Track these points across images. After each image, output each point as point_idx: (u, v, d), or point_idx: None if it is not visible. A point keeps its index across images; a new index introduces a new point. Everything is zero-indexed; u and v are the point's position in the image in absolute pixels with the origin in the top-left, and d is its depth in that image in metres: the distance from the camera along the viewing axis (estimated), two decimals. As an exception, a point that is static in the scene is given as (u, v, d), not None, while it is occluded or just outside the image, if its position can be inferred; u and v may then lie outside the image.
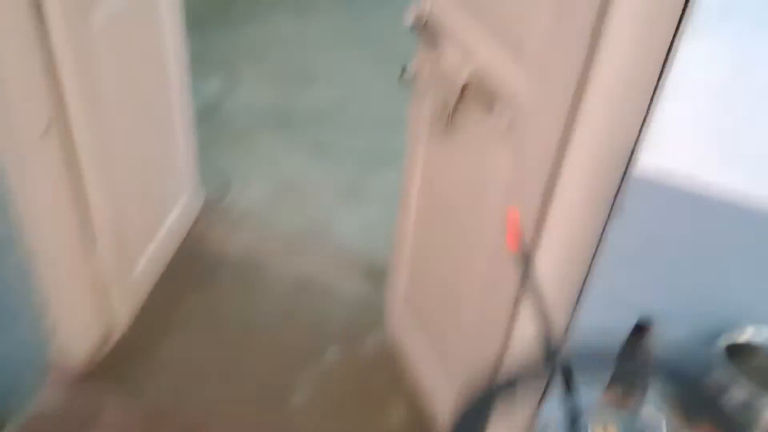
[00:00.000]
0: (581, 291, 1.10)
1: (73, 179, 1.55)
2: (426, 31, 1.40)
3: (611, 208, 0.99)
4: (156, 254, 2.08)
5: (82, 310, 1.76)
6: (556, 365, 0.76)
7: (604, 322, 1.02)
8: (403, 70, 1.49)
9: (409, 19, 1.40)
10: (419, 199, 1.69)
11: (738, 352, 0.92)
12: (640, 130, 0.92)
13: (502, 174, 1.25)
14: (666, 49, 0.87)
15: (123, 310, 1.91)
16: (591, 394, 0.85)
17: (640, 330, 0.95)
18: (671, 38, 0.86)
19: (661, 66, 0.88)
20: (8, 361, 1.78)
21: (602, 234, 1.02)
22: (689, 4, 0.82)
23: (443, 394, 1.75)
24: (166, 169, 2.12)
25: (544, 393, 1.18)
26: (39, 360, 1.78)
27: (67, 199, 1.56)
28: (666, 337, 0.95)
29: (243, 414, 1.80)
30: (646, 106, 0.91)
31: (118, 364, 1.88)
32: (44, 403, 1.75)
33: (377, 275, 2.29)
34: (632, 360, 0.93)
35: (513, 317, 1.30)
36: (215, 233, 2.40)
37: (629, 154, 0.94)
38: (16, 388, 1.80)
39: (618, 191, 0.98)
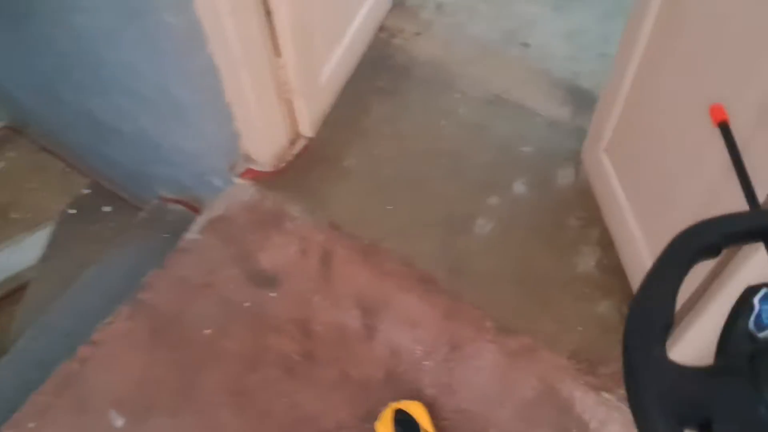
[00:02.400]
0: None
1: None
2: None
3: None
4: (342, 61, 1.96)
5: (266, 115, 1.73)
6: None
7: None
8: None
9: None
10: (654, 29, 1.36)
11: None
12: None
13: None
14: None
15: (308, 117, 1.87)
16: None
17: None
18: None
19: None
20: (200, 155, 1.86)
21: None
22: None
23: (637, 250, 1.58)
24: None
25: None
26: (227, 160, 1.84)
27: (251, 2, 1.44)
28: None
29: (421, 237, 1.76)
30: None
31: (302, 172, 1.87)
32: (234, 200, 1.83)
33: (578, 97, 2.02)
34: None
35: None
36: (403, 38, 2.21)
37: None
38: (208, 183, 1.91)
39: None
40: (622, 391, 1.51)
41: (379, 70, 2.10)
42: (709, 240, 0.59)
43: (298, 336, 1.59)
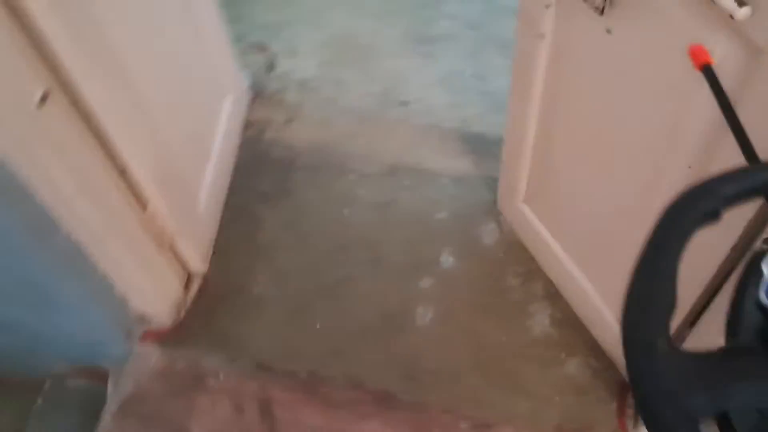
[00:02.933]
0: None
1: (96, 140, 1.19)
2: None
3: None
4: (215, 179, 1.75)
5: (150, 271, 1.50)
6: None
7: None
8: None
9: None
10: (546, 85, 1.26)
11: None
12: None
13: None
14: None
15: (195, 253, 1.64)
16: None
17: None
18: None
19: None
20: (90, 332, 1.61)
21: None
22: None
23: (587, 297, 1.47)
24: (203, 74, 1.72)
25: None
26: (121, 328, 1.59)
27: (98, 162, 1.22)
28: None
29: (361, 349, 1.57)
30: None
31: (207, 315, 1.64)
32: (141, 370, 1.58)
33: (473, 144, 1.92)
34: None
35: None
36: (275, 129, 2.03)
37: None
38: (106, 355, 1.65)
39: None
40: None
41: (259, 173, 1.91)
42: (709, 205, 0.51)
43: None
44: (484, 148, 1.90)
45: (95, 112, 1.12)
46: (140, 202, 1.37)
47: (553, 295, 1.61)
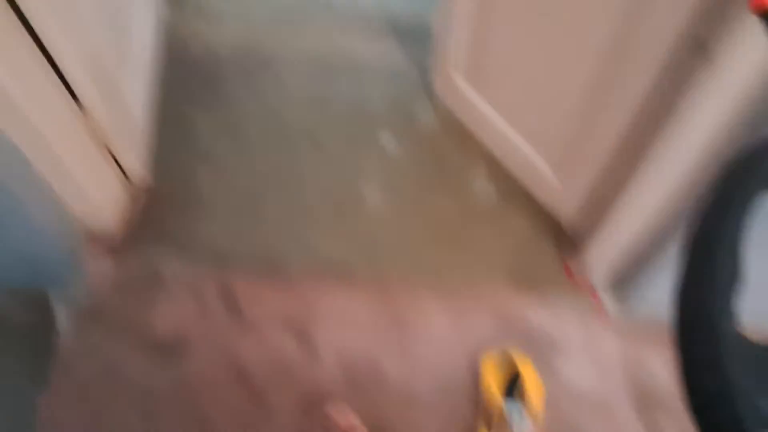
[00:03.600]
0: None
1: (27, 32, 1.14)
2: None
3: None
4: (143, 84, 1.71)
5: (91, 173, 1.47)
6: None
7: None
8: None
9: None
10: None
11: None
12: None
13: None
14: None
15: (137, 160, 1.62)
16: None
17: None
18: None
19: None
20: (35, 248, 1.56)
21: None
22: None
23: (525, 156, 1.57)
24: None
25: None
26: (69, 238, 1.55)
27: (31, 59, 1.17)
28: None
29: (316, 234, 1.62)
30: None
31: (157, 221, 1.63)
32: (95, 278, 1.56)
33: (402, 32, 1.95)
34: None
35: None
36: (200, 33, 1.98)
37: None
38: (58, 273, 1.61)
39: None
40: (566, 290, 1.54)
41: (187, 80, 1.87)
42: None
43: (238, 389, 1.41)
44: (412, 36, 1.94)
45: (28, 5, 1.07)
46: (77, 101, 1.32)
47: (491, 161, 1.70)
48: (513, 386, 1.33)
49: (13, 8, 1.09)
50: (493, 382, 1.34)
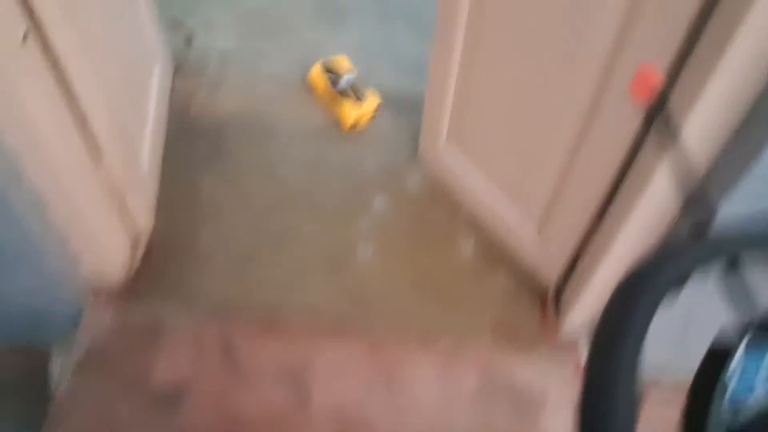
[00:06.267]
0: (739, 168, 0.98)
1: (63, 87, 1.25)
2: None
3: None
4: (153, 141, 1.82)
5: (105, 224, 1.54)
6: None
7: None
8: None
9: None
10: (469, 25, 1.46)
11: None
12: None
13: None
14: None
15: (143, 211, 1.70)
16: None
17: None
18: None
19: None
20: (42, 298, 1.61)
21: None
22: None
23: (510, 220, 1.70)
24: (138, 43, 1.78)
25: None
26: (74, 288, 1.61)
27: (64, 112, 1.27)
28: None
29: (310, 286, 1.70)
30: None
31: (158, 270, 1.70)
32: (96, 328, 1.61)
33: (396, 104, 2.10)
34: None
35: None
36: (200, 98, 2.11)
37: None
38: (60, 323, 1.66)
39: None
40: (548, 345, 1.63)
41: (191, 141, 1.98)
42: (681, 270, 0.46)
43: (234, 436, 1.46)
44: (403, 107, 2.09)
45: (62, 59, 1.18)
46: (97, 154, 1.42)
47: (475, 222, 1.82)
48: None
49: (55, 69, 1.19)
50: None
